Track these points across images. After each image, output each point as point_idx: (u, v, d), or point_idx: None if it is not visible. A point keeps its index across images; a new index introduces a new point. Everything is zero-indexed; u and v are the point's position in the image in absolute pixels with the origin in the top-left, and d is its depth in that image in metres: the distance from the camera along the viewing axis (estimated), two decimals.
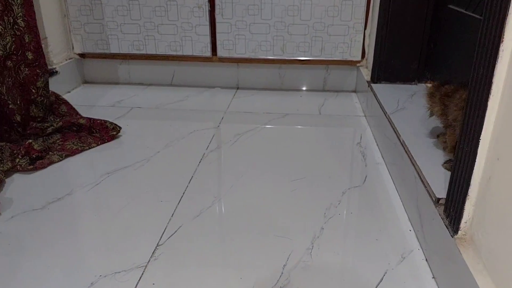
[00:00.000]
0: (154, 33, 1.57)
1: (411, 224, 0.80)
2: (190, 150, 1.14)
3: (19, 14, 1.07)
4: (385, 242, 0.77)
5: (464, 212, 0.58)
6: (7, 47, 1.09)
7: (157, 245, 0.77)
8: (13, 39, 1.10)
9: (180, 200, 0.91)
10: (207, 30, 1.55)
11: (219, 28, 1.54)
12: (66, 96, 1.46)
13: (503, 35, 0.48)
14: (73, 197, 0.93)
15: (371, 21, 1.47)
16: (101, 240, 0.79)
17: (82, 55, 1.63)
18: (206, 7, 1.51)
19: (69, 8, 1.55)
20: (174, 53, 1.60)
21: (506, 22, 0.47)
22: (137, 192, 0.94)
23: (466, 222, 0.59)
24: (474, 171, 0.55)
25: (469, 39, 1.00)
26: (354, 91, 1.62)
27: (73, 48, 1.62)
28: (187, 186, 0.96)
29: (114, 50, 1.61)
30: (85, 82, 1.70)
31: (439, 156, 0.82)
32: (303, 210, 0.87)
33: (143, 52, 1.60)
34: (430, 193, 0.70)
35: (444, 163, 0.78)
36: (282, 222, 0.83)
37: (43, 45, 1.23)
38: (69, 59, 1.61)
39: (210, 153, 1.12)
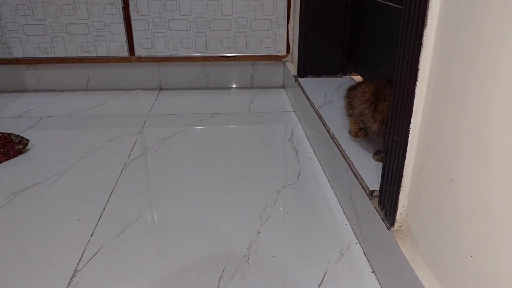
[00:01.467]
0: (62, 34, 1.43)
1: (347, 218, 0.79)
2: (110, 160, 1.04)
3: None
4: (323, 239, 0.74)
5: (399, 204, 0.57)
6: None
7: (75, 271, 0.67)
8: None
9: (100, 217, 0.82)
10: (122, 28, 1.44)
11: (135, 25, 1.44)
12: None
13: (426, 19, 0.46)
14: None
15: (293, 15, 1.46)
16: (10, 270, 0.68)
17: None
18: (119, 4, 1.40)
19: None
20: (87, 54, 1.46)
21: (429, 6, 0.46)
22: (50, 212, 0.83)
23: (401, 214, 0.57)
24: (405, 161, 0.54)
25: (389, 29, 1.02)
26: (282, 87, 1.60)
27: None
28: (108, 201, 0.87)
29: (17, 54, 1.44)
30: None
31: (368, 148, 0.81)
32: (238, 215, 0.82)
33: (52, 55, 1.45)
34: (363, 185, 0.69)
35: (374, 154, 0.77)
36: (216, 231, 0.77)
37: None
38: None
39: (132, 161, 1.03)
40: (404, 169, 0.54)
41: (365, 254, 0.70)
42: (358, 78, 1.26)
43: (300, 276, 0.66)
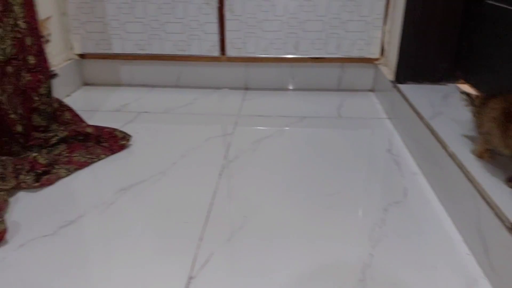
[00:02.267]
0: (159, 32, 1.47)
1: (469, 248, 0.73)
2: (208, 160, 1.05)
3: (20, 15, 0.97)
4: (444, 269, 0.69)
5: None
6: (7, 51, 0.99)
7: (190, 277, 0.69)
8: (14, 42, 0.99)
9: (206, 221, 0.83)
10: (215, 28, 1.45)
11: (228, 25, 1.45)
12: (66, 100, 1.36)
13: None
14: (87, 219, 0.84)
15: (391, 17, 1.39)
16: (123, 270, 0.71)
17: (82, 56, 1.53)
18: (215, 4, 1.42)
19: (68, 5, 1.45)
20: (180, 53, 1.50)
21: None
22: (157, 211, 0.86)
23: None
24: None
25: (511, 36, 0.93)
26: (372, 90, 1.54)
27: (72, 48, 1.51)
28: (212, 204, 0.88)
29: (116, 50, 1.51)
30: (85, 84, 1.60)
31: (497, 172, 0.74)
32: (345, 232, 0.79)
33: (148, 52, 1.50)
34: (500, 216, 0.63)
35: (509, 180, 0.70)
36: (324, 247, 0.75)
37: None
38: (68, 60, 1.50)
39: (229, 163, 1.04)
40: None
41: None
42: (466, 87, 1.17)
43: None
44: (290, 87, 1.57)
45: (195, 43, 1.48)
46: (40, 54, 1.04)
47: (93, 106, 1.40)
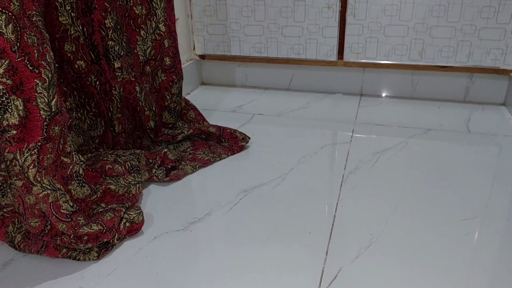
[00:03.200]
0: (277, 35, 1.48)
1: None
2: (326, 169, 1.03)
3: (161, 19, 1.04)
4: None
5: None
6: (147, 52, 1.06)
7: None
8: (153, 44, 1.07)
9: (331, 234, 0.81)
10: (335, 32, 1.42)
11: (348, 30, 1.41)
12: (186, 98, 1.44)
13: None
14: (213, 217, 0.87)
15: None
16: (249, 276, 0.71)
17: (202, 57, 1.60)
18: (337, 7, 1.39)
19: (193, 8, 1.52)
20: (296, 56, 1.50)
21: None
22: (280, 217, 0.86)
23: None
24: None
25: None
26: (503, 104, 1.39)
27: (194, 49, 1.59)
28: (334, 216, 0.85)
29: (235, 52, 1.55)
30: (203, 83, 1.68)
31: None
32: (491, 269, 0.71)
33: (264, 55, 1.53)
34: None
35: None
36: (468, 280, 0.69)
37: None
38: (190, 60, 1.59)
39: (349, 175, 1.01)
40: None
41: None
42: None
43: None
44: (411, 96, 1.48)
45: (312, 46, 1.47)
46: (175, 56, 1.11)
47: (211, 106, 1.46)
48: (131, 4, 1.00)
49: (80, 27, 0.94)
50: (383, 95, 1.50)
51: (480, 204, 0.87)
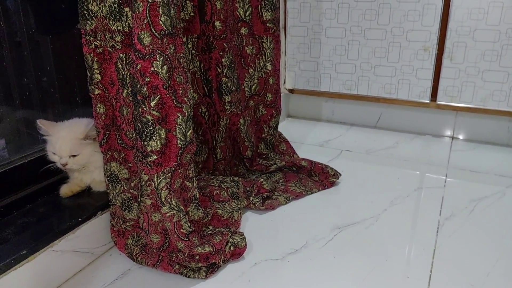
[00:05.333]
0: (369, 74, 1.52)
1: None
2: (421, 213, 1.03)
3: (269, 58, 1.13)
4: None
5: None
6: (253, 88, 1.15)
7: None
8: (259, 81, 1.15)
9: (429, 280, 0.81)
10: (429, 74, 1.43)
11: (444, 73, 1.41)
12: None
13: None
14: (309, 250, 0.91)
15: None
16: None
17: (292, 91, 1.68)
18: (434, 50, 1.40)
19: (288, 45, 1.61)
20: (387, 96, 1.52)
21: None
22: (376, 258, 0.87)
23: None
24: None
25: None
26: None
27: (284, 83, 1.67)
28: (432, 263, 0.85)
29: (324, 88, 1.61)
30: (289, 116, 1.75)
31: None
32: None
33: (354, 92, 1.56)
34: None
35: None
36: None
37: None
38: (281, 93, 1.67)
39: (445, 221, 1.00)
40: None
41: None
42: None
43: None
44: (507, 143, 1.43)
45: (404, 87, 1.48)
46: (277, 92, 1.18)
47: (297, 138, 1.52)
48: (244, 44, 1.10)
49: (198, 63, 1.05)
50: (476, 140, 1.47)
51: None
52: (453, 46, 1.37)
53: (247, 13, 1.05)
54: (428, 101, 1.46)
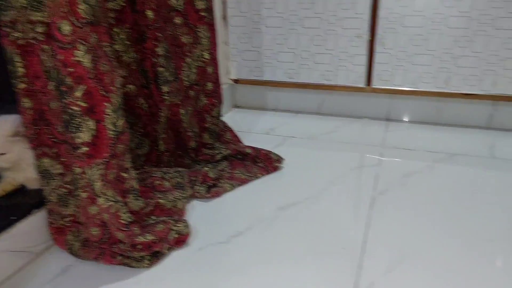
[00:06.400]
0: (309, 62, 1.57)
1: None
2: (357, 190, 1.09)
3: (206, 47, 1.13)
4: None
5: None
6: (191, 78, 1.16)
7: None
8: (197, 70, 1.16)
9: (364, 249, 0.86)
10: (364, 60, 1.50)
11: (377, 58, 1.48)
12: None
13: None
14: (253, 232, 0.93)
15: None
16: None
17: (236, 81, 1.70)
18: (366, 37, 1.46)
19: (230, 35, 1.63)
20: (326, 82, 1.57)
21: None
22: (315, 234, 0.92)
23: None
24: None
25: None
26: None
27: (229, 74, 1.69)
28: (366, 234, 0.91)
29: (267, 77, 1.64)
30: (236, 106, 1.77)
31: None
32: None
33: (296, 80, 1.61)
34: None
35: None
36: None
37: None
38: (225, 84, 1.68)
39: (379, 196, 1.06)
40: None
41: None
42: None
43: None
44: (436, 121, 1.53)
45: (342, 73, 1.54)
46: (217, 82, 1.20)
47: (244, 128, 1.54)
48: (179, 33, 1.10)
49: (133, 54, 1.04)
50: (409, 121, 1.56)
51: (504, 226, 0.91)
52: (384, 32, 1.44)
53: (180, 2, 1.05)
54: (364, 86, 1.53)
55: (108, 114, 0.75)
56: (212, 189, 1.08)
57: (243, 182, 1.13)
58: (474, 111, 1.48)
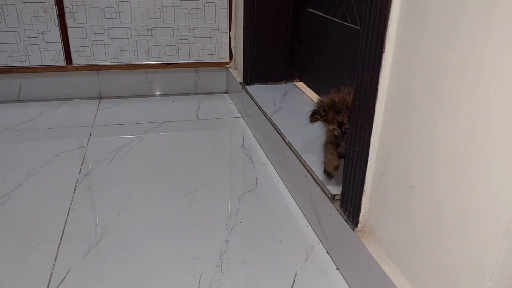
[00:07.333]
0: None
1: (307, 220, 0.85)
2: (60, 177, 1.00)
3: None
4: (288, 242, 0.79)
5: (361, 207, 0.63)
6: None
7: None
8: None
9: (61, 238, 0.79)
10: (57, 36, 1.37)
11: (71, 33, 1.38)
12: None
13: (385, 46, 0.53)
14: None
15: (235, 23, 1.50)
16: None
17: None
18: (54, 11, 1.34)
19: None
20: (18, 64, 1.38)
21: (387, 34, 0.52)
22: (13, 234, 0.79)
23: (364, 216, 0.64)
24: (367, 168, 0.60)
25: (329, 39, 1.10)
26: (226, 92, 1.63)
27: None
28: (66, 221, 0.84)
29: None
30: None
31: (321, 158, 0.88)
32: (204, 225, 0.84)
33: None
34: (324, 190, 0.75)
35: (324, 172, 0.79)
36: (185, 243, 0.79)
37: None
38: None
39: (84, 177, 1.00)
40: (366, 176, 0.61)
41: (328, 253, 0.76)
42: (301, 85, 1.33)
43: (273, 279, 0.70)
44: (148, 93, 1.56)
45: (35, 53, 1.37)
46: None
47: None
48: None
49: None
50: (123, 96, 1.54)
51: (203, 179, 1.01)
52: (72, 6, 1.34)
53: None
54: (64, 64, 1.41)
55: None
56: None
57: None
58: (181, 79, 1.58)
